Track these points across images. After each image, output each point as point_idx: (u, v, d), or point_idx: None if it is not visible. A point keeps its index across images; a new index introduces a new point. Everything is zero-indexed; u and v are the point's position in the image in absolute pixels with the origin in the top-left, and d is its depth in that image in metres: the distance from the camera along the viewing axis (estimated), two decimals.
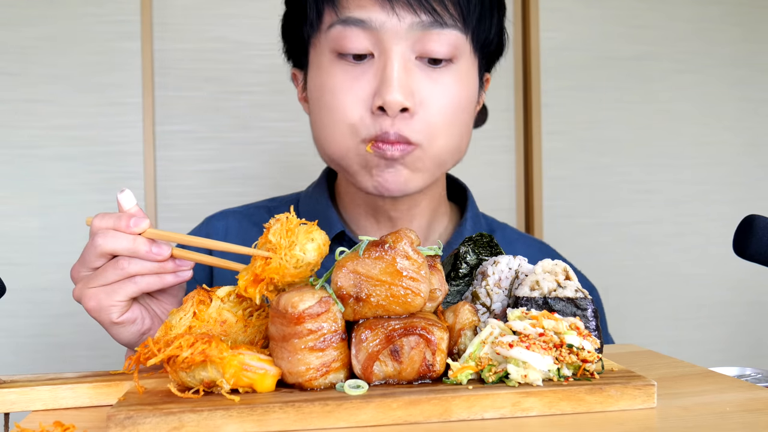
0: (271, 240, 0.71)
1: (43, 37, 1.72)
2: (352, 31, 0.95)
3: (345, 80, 0.97)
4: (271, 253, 0.70)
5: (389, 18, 0.94)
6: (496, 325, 0.67)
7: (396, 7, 0.94)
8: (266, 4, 1.81)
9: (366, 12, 0.94)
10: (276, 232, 0.71)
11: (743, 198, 2.03)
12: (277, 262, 0.70)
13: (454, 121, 0.99)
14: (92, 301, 0.81)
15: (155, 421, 0.57)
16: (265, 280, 0.71)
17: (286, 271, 0.70)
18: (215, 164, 1.80)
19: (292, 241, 0.70)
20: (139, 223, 0.79)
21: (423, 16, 0.94)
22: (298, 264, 0.70)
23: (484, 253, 0.84)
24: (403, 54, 0.95)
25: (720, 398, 0.66)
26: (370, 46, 0.96)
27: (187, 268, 0.82)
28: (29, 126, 1.72)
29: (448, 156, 1.02)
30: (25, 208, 1.72)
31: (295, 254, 0.70)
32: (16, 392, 0.67)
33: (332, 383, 0.64)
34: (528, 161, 1.93)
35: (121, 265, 0.79)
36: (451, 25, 0.96)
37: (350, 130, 0.97)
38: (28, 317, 1.72)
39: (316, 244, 0.71)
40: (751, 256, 0.80)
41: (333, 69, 0.98)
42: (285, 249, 0.70)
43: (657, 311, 1.99)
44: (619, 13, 1.96)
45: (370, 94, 0.96)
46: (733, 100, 2.02)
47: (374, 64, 0.96)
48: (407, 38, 0.95)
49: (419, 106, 0.96)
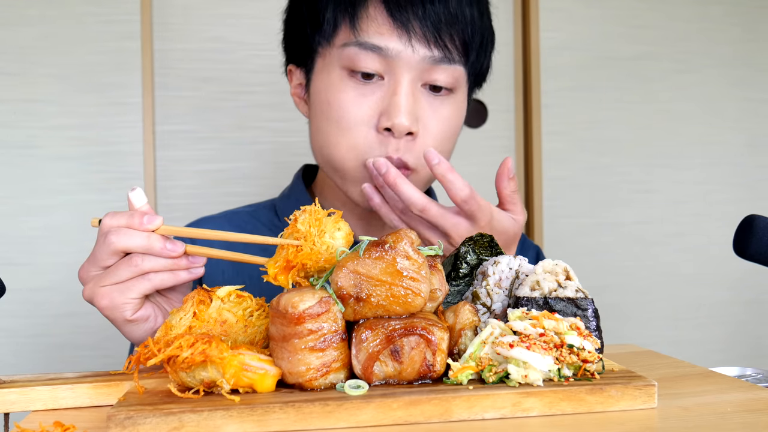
0: (299, 229, 0.73)
1: (43, 37, 1.72)
2: (367, 55, 0.99)
3: (354, 97, 1.01)
4: (301, 241, 0.72)
5: (405, 48, 0.99)
6: (496, 325, 0.67)
7: (413, 40, 0.99)
8: (266, 4, 1.81)
9: (384, 40, 0.99)
10: (304, 221, 0.73)
11: (743, 198, 2.03)
12: (309, 248, 0.71)
13: (447, 144, 1.07)
14: (105, 299, 0.81)
15: (155, 421, 0.57)
16: (296, 266, 0.71)
17: (318, 256, 0.71)
18: (215, 164, 1.80)
19: (321, 230, 0.72)
20: (152, 220, 0.80)
21: (435, 51, 1.00)
22: (329, 250, 0.72)
23: (484, 253, 0.84)
24: (411, 81, 1.01)
25: (720, 398, 0.66)
26: (381, 69, 1.00)
27: (200, 265, 0.83)
28: (29, 126, 1.72)
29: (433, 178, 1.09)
30: (25, 208, 1.72)
31: (326, 241, 0.72)
32: (16, 392, 0.67)
33: (332, 383, 0.64)
34: (528, 161, 1.93)
35: (134, 263, 0.79)
36: (457, 61, 1.02)
37: (354, 148, 1.02)
38: (28, 317, 1.72)
39: (344, 232, 0.73)
40: (751, 256, 0.80)
41: (342, 85, 1.02)
42: (315, 237, 0.72)
43: (657, 311, 1.99)
44: (619, 13, 1.96)
45: (377, 114, 1.01)
46: (733, 99, 2.02)
47: (383, 86, 1.01)
48: (417, 68, 1.00)
49: (422, 130, 1.02)
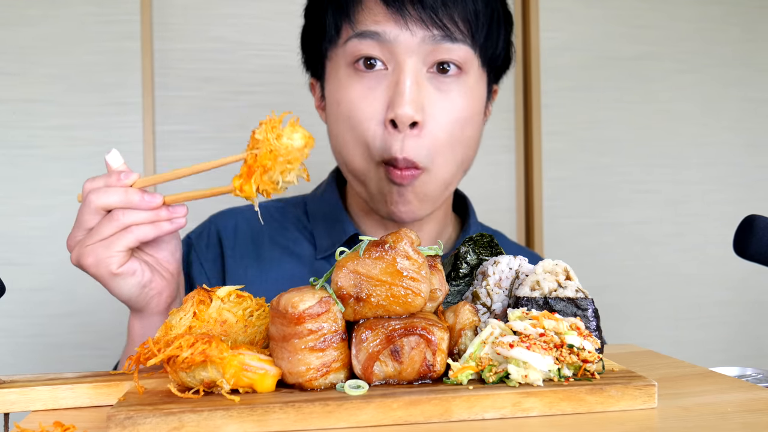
0: (258, 139, 0.73)
1: (43, 37, 1.72)
2: (366, 43, 1.00)
3: (360, 91, 1.01)
4: (256, 150, 0.72)
5: (402, 32, 0.99)
6: (496, 325, 0.67)
7: (408, 22, 0.98)
8: (266, 4, 1.81)
9: (380, 26, 0.99)
10: (261, 130, 0.73)
11: (743, 198, 2.03)
12: (267, 149, 0.71)
13: (459, 137, 1.04)
14: (90, 257, 0.82)
15: (155, 421, 0.57)
16: (258, 170, 0.72)
17: (276, 154, 0.71)
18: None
19: (278, 134, 0.72)
20: (128, 176, 0.82)
21: (434, 30, 0.99)
22: (287, 149, 0.72)
23: (484, 253, 0.84)
24: (415, 67, 1.00)
25: (721, 398, 0.66)
26: (382, 56, 1.00)
27: (182, 216, 0.84)
28: (29, 126, 1.72)
29: (452, 177, 1.07)
30: (25, 208, 1.72)
31: (283, 142, 0.72)
32: (16, 392, 0.67)
33: (332, 383, 0.64)
34: (528, 161, 1.93)
35: (116, 217, 0.81)
36: (461, 40, 1.01)
37: (366, 148, 1.02)
38: (27, 317, 1.71)
39: (301, 134, 0.73)
40: (751, 256, 0.80)
41: (349, 81, 1.03)
42: (272, 140, 0.72)
43: (657, 311, 1.99)
44: (620, 13, 1.96)
45: (384, 107, 1.00)
46: (733, 100, 2.02)
47: (388, 76, 1.01)
48: (419, 52, 1.00)
49: (429, 119, 1.01)
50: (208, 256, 1.16)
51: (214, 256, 1.16)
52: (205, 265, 1.15)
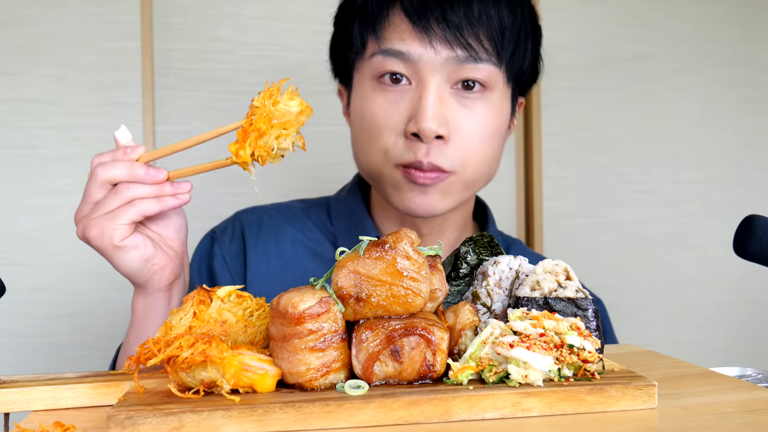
0: (256, 106, 0.74)
1: (43, 37, 1.72)
2: (391, 61, 1.01)
3: (383, 105, 1.03)
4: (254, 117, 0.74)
5: (426, 51, 0.99)
6: (496, 325, 0.67)
7: (433, 42, 0.99)
8: (266, 4, 1.81)
9: (405, 45, 1.00)
10: (260, 98, 0.74)
11: (743, 198, 2.03)
12: (262, 112, 0.72)
13: (487, 148, 1.05)
14: (94, 229, 0.83)
15: (155, 421, 0.57)
16: (254, 134, 0.72)
17: (271, 116, 0.72)
18: None
19: (275, 100, 0.73)
20: (134, 150, 0.84)
21: (459, 51, 0.99)
22: (283, 114, 0.72)
23: (484, 253, 0.84)
24: (438, 84, 1.01)
25: (721, 399, 0.66)
26: (407, 72, 1.01)
27: (186, 192, 0.84)
28: (29, 126, 1.72)
29: (479, 179, 1.08)
30: (25, 208, 1.72)
31: (279, 107, 0.73)
32: (16, 392, 0.67)
33: (333, 383, 0.64)
34: (528, 161, 1.93)
35: (120, 190, 0.82)
36: (486, 60, 1.01)
37: (384, 154, 1.03)
38: (27, 317, 1.71)
39: (299, 101, 0.74)
40: (751, 256, 0.80)
41: (373, 94, 1.04)
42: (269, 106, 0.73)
43: (657, 311, 1.99)
44: (620, 13, 1.96)
45: (405, 120, 1.01)
46: (732, 100, 2.02)
47: (411, 91, 1.02)
48: (443, 70, 1.00)
49: (453, 133, 1.01)
50: (231, 250, 1.17)
51: (237, 250, 1.17)
52: (227, 258, 1.16)
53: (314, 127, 1.77)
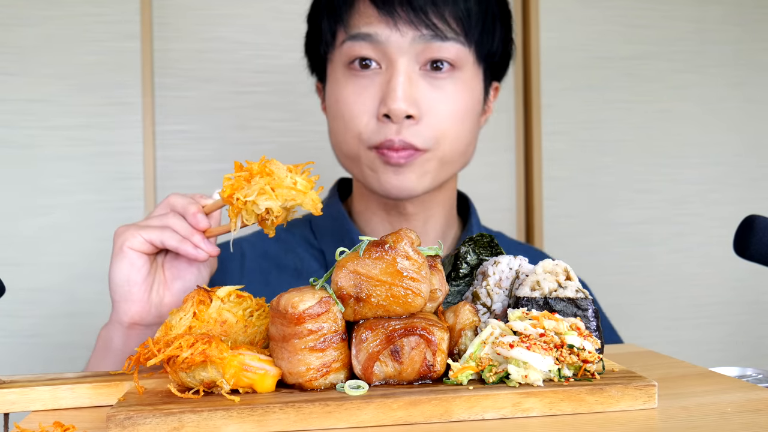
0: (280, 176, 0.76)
1: (43, 37, 1.72)
2: (359, 45, 1.03)
3: (355, 90, 1.05)
4: None
5: (392, 33, 1.02)
6: (496, 325, 0.67)
7: (398, 23, 1.01)
8: (266, 4, 1.80)
9: (372, 27, 1.02)
10: (278, 164, 0.76)
11: (743, 198, 2.02)
12: (268, 169, 0.75)
13: (460, 127, 1.06)
14: (126, 230, 0.86)
15: (155, 421, 0.57)
16: (245, 182, 0.76)
17: (271, 175, 0.74)
18: (215, 164, 1.80)
19: (288, 168, 0.76)
20: (204, 198, 0.88)
21: (424, 30, 1.01)
22: (281, 180, 0.75)
23: (484, 253, 0.84)
24: (407, 65, 1.03)
25: (721, 399, 0.66)
26: (376, 56, 1.03)
27: (206, 251, 0.84)
28: (29, 126, 1.71)
29: (455, 159, 1.08)
30: (25, 208, 1.72)
31: (280, 173, 0.75)
32: (16, 392, 0.67)
33: (332, 383, 0.64)
34: (528, 161, 1.93)
35: (166, 215, 0.85)
36: (452, 38, 1.03)
37: (358, 138, 1.05)
38: (27, 317, 1.71)
39: (307, 183, 0.75)
40: (751, 256, 0.80)
41: (345, 81, 1.06)
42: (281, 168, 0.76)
43: (657, 311, 1.99)
44: (620, 13, 1.96)
45: (377, 103, 1.03)
46: (733, 100, 2.02)
47: (381, 74, 1.04)
48: (410, 51, 1.02)
49: (425, 113, 1.03)
50: None
51: None
52: None
53: (314, 127, 1.77)
